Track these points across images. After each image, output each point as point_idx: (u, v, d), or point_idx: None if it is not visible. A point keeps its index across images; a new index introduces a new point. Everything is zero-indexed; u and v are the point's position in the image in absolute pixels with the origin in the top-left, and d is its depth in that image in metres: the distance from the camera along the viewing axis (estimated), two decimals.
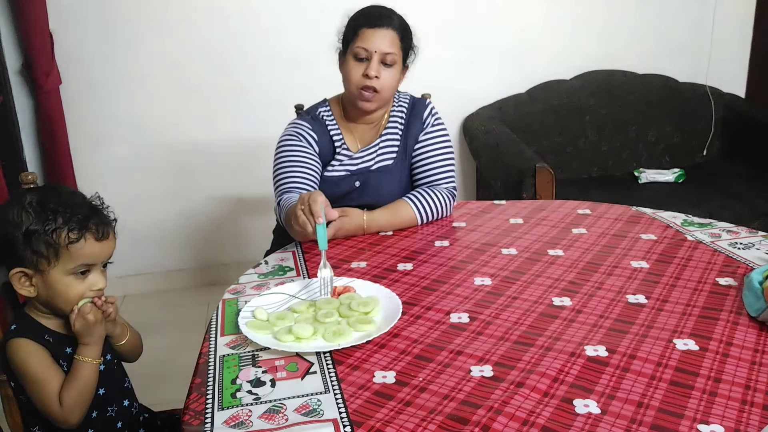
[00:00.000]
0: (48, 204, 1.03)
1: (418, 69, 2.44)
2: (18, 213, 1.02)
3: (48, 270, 1.03)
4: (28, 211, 1.02)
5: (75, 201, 1.07)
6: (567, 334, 1.08)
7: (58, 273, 1.04)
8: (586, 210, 1.71)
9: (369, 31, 1.57)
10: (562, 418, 0.86)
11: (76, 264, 1.04)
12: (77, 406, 1.04)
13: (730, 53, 3.34)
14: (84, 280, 1.06)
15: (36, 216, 1.02)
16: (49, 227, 1.01)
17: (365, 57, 1.57)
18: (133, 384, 1.23)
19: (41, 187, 1.09)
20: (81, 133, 2.74)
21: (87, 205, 1.07)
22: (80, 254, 1.04)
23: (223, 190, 2.96)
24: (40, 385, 1.03)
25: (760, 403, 0.88)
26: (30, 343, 1.04)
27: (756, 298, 1.10)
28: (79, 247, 1.03)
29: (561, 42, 3.13)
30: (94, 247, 1.05)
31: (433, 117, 1.75)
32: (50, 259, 1.02)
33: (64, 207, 1.04)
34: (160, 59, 2.75)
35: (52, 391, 1.03)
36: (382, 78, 1.58)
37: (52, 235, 1.02)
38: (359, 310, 1.15)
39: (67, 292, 1.05)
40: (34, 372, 1.03)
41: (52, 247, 1.02)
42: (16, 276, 1.04)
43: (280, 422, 0.88)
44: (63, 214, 1.03)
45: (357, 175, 1.69)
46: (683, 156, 3.23)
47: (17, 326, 1.07)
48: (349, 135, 1.71)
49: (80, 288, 1.05)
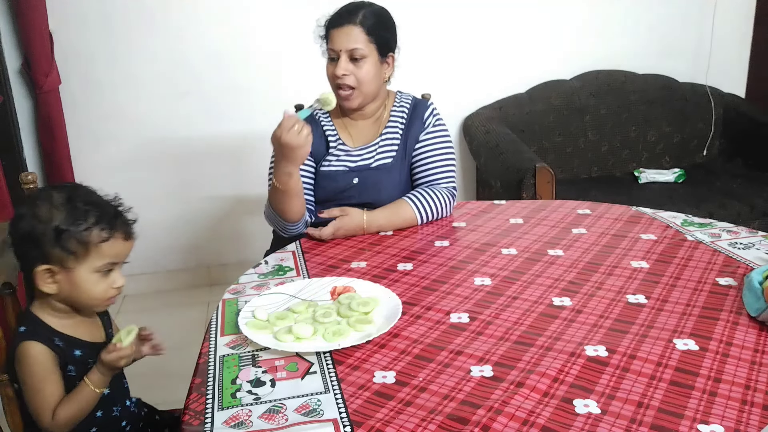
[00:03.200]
0: (77, 202, 1.04)
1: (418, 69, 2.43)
2: (48, 210, 1.03)
3: (75, 267, 1.04)
4: (58, 208, 1.03)
5: (102, 200, 1.08)
6: (567, 334, 1.08)
7: (85, 270, 1.05)
8: (586, 210, 1.71)
9: (334, 31, 1.61)
10: (562, 418, 0.86)
11: (103, 262, 1.05)
12: (68, 424, 1.05)
13: (730, 53, 3.34)
14: (107, 278, 1.07)
15: (67, 214, 1.03)
16: (81, 225, 1.03)
17: (335, 57, 1.61)
18: (134, 384, 1.23)
19: (65, 185, 1.10)
20: (81, 133, 2.74)
21: (113, 205, 1.09)
22: (109, 253, 1.05)
23: (223, 190, 2.96)
24: (38, 394, 1.04)
25: (760, 403, 0.88)
26: (40, 347, 1.04)
27: (756, 298, 1.10)
28: (109, 245, 1.05)
29: (561, 42, 3.13)
30: (121, 246, 1.07)
31: (435, 117, 1.75)
32: (79, 256, 1.03)
33: (93, 206, 1.05)
34: (160, 59, 2.75)
35: (47, 402, 1.04)
36: (355, 73, 1.60)
37: (84, 233, 1.03)
38: (359, 310, 1.15)
39: (92, 290, 1.06)
40: (37, 381, 1.03)
41: (82, 245, 1.03)
42: (42, 272, 1.04)
43: (280, 422, 0.88)
44: (94, 213, 1.04)
45: (356, 172, 1.69)
46: (683, 156, 3.23)
47: (27, 328, 1.06)
48: (345, 131, 1.72)
49: (103, 285, 1.07)
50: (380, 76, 1.65)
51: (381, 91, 1.70)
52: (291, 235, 1.64)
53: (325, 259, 1.45)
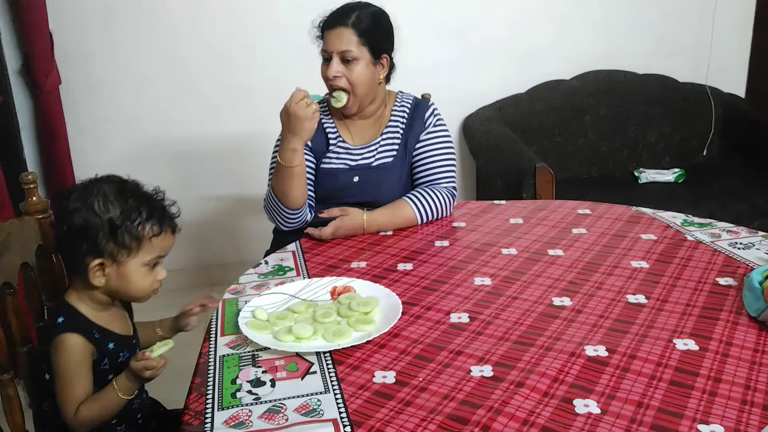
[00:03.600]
0: (128, 197, 1.06)
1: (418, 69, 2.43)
2: (104, 204, 1.04)
3: (126, 261, 1.05)
4: (112, 203, 1.04)
5: (149, 195, 1.10)
6: (567, 334, 1.08)
7: (136, 264, 1.06)
8: (586, 210, 1.70)
9: (327, 33, 1.62)
10: (562, 418, 0.86)
11: (153, 256, 1.07)
12: (89, 423, 1.05)
13: (730, 53, 3.34)
14: (153, 272, 1.09)
15: (121, 208, 1.04)
16: (135, 220, 1.04)
17: (329, 57, 1.63)
18: None
19: (112, 178, 1.10)
20: (81, 133, 2.74)
21: (158, 199, 1.11)
22: (159, 247, 1.08)
23: (223, 190, 2.96)
24: (67, 388, 1.04)
25: (760, 403, 0.88)
26: (79, 339, 1.04)
27: (756, 298, 1.10)
28: (159, 240, 1.07)
29: (561, 42, 3.13)
30: (170, 240, 1.10)
31: (435, 117, 1.75)
32: (132, 250, 1.05)
33: (143, 200, 1.07)
34: (160, 59, 2.75)
35: (73, 397, 1.04)
36: (346, 75, 1.61)
37: (138, 227, 1.04)
38: (359, 310, 1.15)
39: (141, 282, 1.08)
40: (68, 373, 1.04)
41: (136, 239, 1.05)
42: (95, 266, 1.04)
43: (280, 422, 0.88)
44: (145, 208, 1.06)
45: (356, 170, 1.69)
46: (683, 156, 3.22)
47: (66, 320, 1.06)
48: (346, 130, 1.73)
49: (150, 278, 1.09)
50: (374, 77, 1.65)
51: (379, 91, 1.70)
52: (289, 228, 1.64)
53: (325, 259, 1.45)
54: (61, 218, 1.07)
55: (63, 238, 1.07)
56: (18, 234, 1.15)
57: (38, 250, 1.20)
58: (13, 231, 1.13)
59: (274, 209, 1.62)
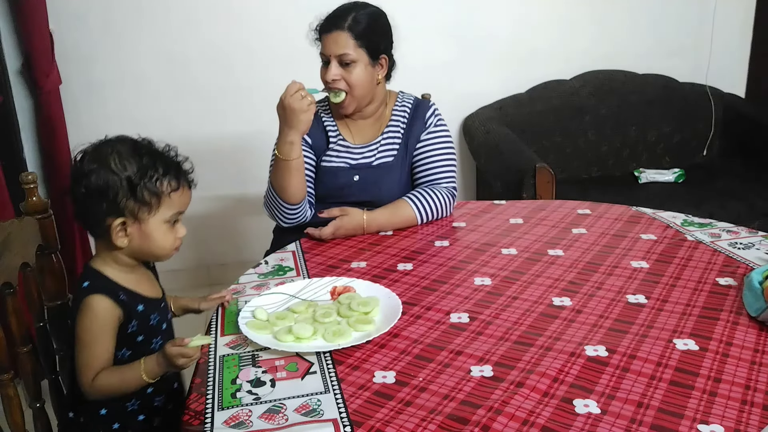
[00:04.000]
0: (142, 153, 1.05)
1: (418, 69, 2.43)
2: (120, 162, 1.03)
3: (148, 219, 1.05)
4: (128, 160, 1.03)
5: (163, 151, 1.09)
6: (567, 334, 1.08)
7: (156, 221, 1.06)
8: (586, 210, 1.71)
9: (324, 37, 1.63)
10: (562, 418, 0.86)
11: (172, 212, 1.07)
12: (104, 393, 1.04)
13: (730, 53, 3.34)
14: (173, 229, 1.09)
15: (138, 165, 1.04)
16: (154, 176, 1.04)
17: (327, 61, 1.63)
18: None
19: (123, 138, 1.10)
20: (81, 133, 2.72)
21: (171, 155, 1.11)
22: (178, 202, 1.08)
23: (223, 189, 2.96)
24: (87, 350, 1.03)
25: (760, 403, 0.88)
26: (106, 301, 1.04)
27: (756, 298, 1.10)
28: (178, 195, 1.07)
29: (561, 42, 3.13)
30: (187, 196, 1.11)
31: (436, 117, 1.75)
32: (152, 207, 1.05)
33: (158, 157, 1.07)
34: (160, 59, 2.75)
35: (92, 362, 1.03)
36: (345, 77, 1.61)
37: (156, 183, 1.04)
38: (359, 310, 1.15)
39: (162, 240, 1.08)
40: (91, 335, 1.03)
41: (155, 196, 1.04)
42: (117, 226, 1.04)
43: (280, 422, 0.88)
44: (160, 164, 1.06)
45: (356, 169, 1.70)
46: (683, 156, 3.22)
47: (91, 282, 1.06)
48: (346, 128, 1.73)
49: (171, 236, 1.09)
50: (372, 78, 1.65)
51: (378, 91, 1.70)
52: (289, 224, 1.64)
53: (325, 259, 1.45)
54: (77, 180, 1.05)
55: (82, 201, 1.05)
56: (18, 234, 1.15)
57: (38, 250, 1.20)
58: (13, 231, 1.13)
59: (273, 204, 1.62)
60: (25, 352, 1.18)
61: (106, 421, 1.10)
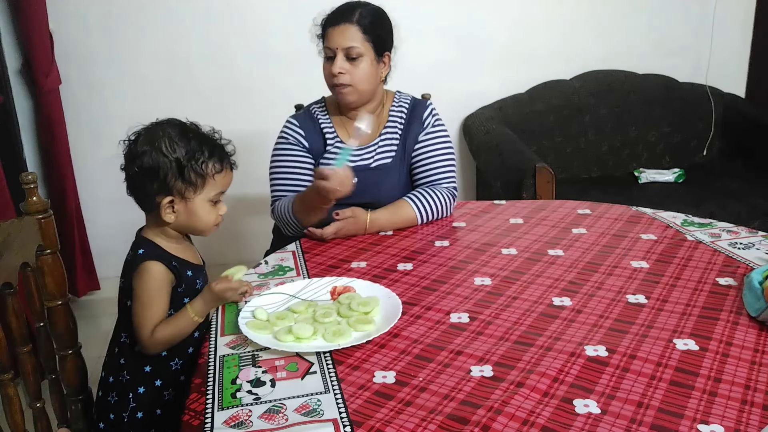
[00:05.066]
0: (190, 137, 1.15)
1: (418, 69, 2.43)
2: (170, 145, 1.13)
3: (193, 198, 1.16)
4: (177, 144, 1.14)
5: (207, 134, 1.19)
6: (567, 334, 1.08)
7: (201, 200, 1.17)
8: (586, 210, 1.71)
9: (330, 30, 1.62)
10: (562, 418, 0.86)
11: (216, 192, 1.18)
12: (163, 344, 1.15)
13: (730, 53, 3.34)
14: (215, 207, 1.20)
15: (186, 148, 1.14)
16: (200, 159, 1.14)
17: (332, 55, 1.62)
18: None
19: (172, 121, 1.20)
20: (81, 133, 2.73)
21: (215, 138, 1.20)
22: (221, 182, 1.19)
23: None
24: (148, 309, 1.13)
25: (760, 403, 0.88)
26: (161, 266, 1.15)
27: (756, 298, 1.10)
28: (222, 176, 1.18)
29: (561, 42, 3.13)
30: (229, 177, 1.21)
31: (434, 117, 1.75)
32: (198, 187, 1.15)
33: (204, 140, 1.17)
34: (160, 59, 2.75)
35: (151, 319, 1.13)
36: (351, 72, 1.61)
37: (202, 165, 1.14)
38: (359, 310, 1.15)
39: (206, 217, 1.19)
40: (151, 296, 1.14)
41: (201, 177, 1.15)
42: (166, 204, 1.15)
43: (280, 422, 0.88)
44: (206, 147, 1.16)
45: (355, 171, 1.69)
46: (683, 156, 3.22)
47: (146, 250, 1.17)
48: (343, 130, 1.72)
49: (214, 213, 1.20)
50: (376, 75, 1.65)
51: (378, 91, 1.70)
52: (295, 234, 1.65)
53: (325, 259, 1.45)
54: (131, 160, 1.15)
55: (134, 179, 1.16)
56: (18, 234, 1.15)
57: (38, 250, 1.20)
58: (13, 231, 1.13)
59: (289, 225, 1.64)
60: (25, 352, 1.18)
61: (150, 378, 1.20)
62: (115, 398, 1.20)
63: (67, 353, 1.27)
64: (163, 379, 1.19)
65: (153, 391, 1.19)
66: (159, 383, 1.19)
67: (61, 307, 1.24)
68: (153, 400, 1.19)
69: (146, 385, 1.19)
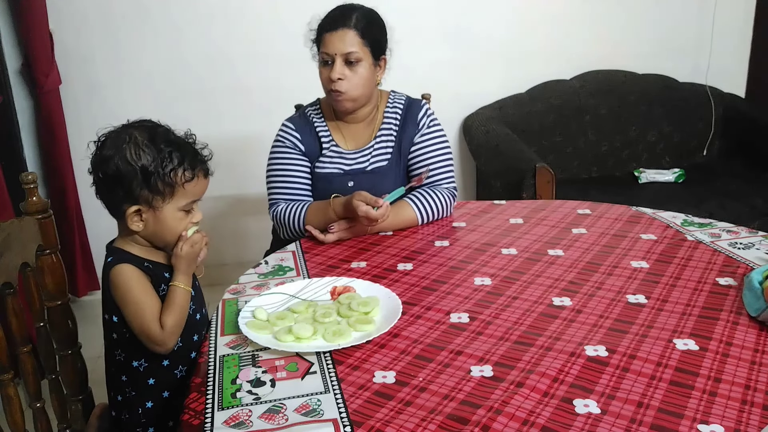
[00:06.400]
0: (159, 143, 1.08)
1: (418, 69, 2.43)
2: (136, 152, 1.06)
3: (162, 207, 1.09)
4: (144, 149, 1.06)
5: (181, 140, 1.12)
6: (567, 334, 1.08)
7: (171, 209, 1.10)
8: (586, 210, 1.71)
9: (328, 35, 1.60)
10: (562, 418, 0.86)
11: (187, 201, 1.11)
12: (176, 329, 1.10)
13: (730, 53, 3.34)
14: (188, 215, 1.13)
15: (153, 155, 1.06)
16: (167, 167, 1.07)
17: (329, 60, 1.60)
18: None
19: (144, 123, 1.13)
20: (81, 133, 2.73)
21: (190, 143, 1.13)
22: (192, 191, 1.11)
23: (223, 190, 2.96)
24: (143, 308, 1.08)
25: (760, 403, 0.88)
26: (132, 268, 1.09)
27: (756, 298, 1.10)
28: (193, 185, 1.10)
29: (561, 42, 3.13)
30: (203, 185, 1.13)
31: (429, 118, 1.74)
32: (166, 196, 1.08)
33: (175, 146, 1.09)
34: (160, 59, 2.75)
35: (153, 314, 1.08)
36: (349, 78, 1.59)
37: (170, 174, 1.07)
38: (359, 310, 1.15)
39: (177, 227, 1.11)
40: (137, 294, 1.08)
41: (169, 186, 1.08)
42: (132, 213, 1.08)
43: (280, 422, 0.88)
44: (176, 154, 1.08)
45: (350, 175, 1.69)
46: (683, 156, 3.23)
47: (114, 257, 1.11)
48: (339, 133, 1.72)
49: (185, 222, 1.12)
50: (373, 79, 1.65)
51: (373, 94, 1.70)
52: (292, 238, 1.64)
53: (325, 259, 1.45)
54: (96, 166, 1.09)
55: (99, 185, 1.10)
56: (18, 234, 1.15)
57: (38, 250, 1.20)
58: (13, 231, 1.13)
59: (293, 235, 1.64)
60: (25, 352, 1.18)
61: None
62: (126, 416, 1.16)
63: (66, 353, 1.27)
64: (169, 389, 1.16)
65: (161, 404, 1.16)
66: (167, 394, 1.16)
67: (61, 307, 1.25)
68: (163, 412, 1.16)
69: (153, 398, 1.15)
